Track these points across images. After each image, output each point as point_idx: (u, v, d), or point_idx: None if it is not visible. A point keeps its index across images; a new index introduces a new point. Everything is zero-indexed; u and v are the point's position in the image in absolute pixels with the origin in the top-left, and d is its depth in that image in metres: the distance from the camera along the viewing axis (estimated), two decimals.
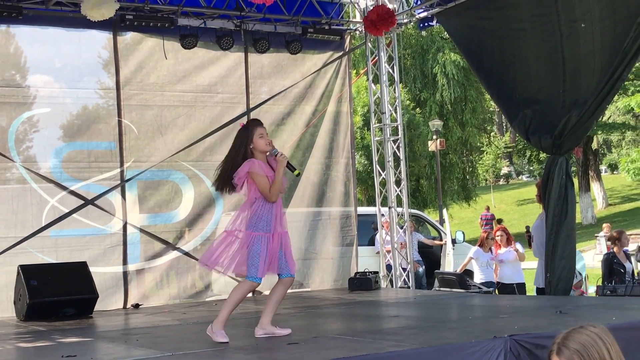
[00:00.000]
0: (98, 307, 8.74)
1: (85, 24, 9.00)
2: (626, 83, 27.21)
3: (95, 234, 9.60)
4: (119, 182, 9.73)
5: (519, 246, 10.76)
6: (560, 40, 8.50)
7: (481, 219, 31.50)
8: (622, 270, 9.81)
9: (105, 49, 9.86)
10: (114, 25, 9.61)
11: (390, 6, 10.75)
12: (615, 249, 10.16)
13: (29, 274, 8.36)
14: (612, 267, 9.93)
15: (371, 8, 10.70)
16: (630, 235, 22.41)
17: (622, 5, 7.91)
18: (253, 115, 10.64)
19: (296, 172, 5.96)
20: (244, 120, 6.57)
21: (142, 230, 9.87)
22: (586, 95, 8.24)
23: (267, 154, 5.84)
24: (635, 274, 10.29)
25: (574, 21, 8.33)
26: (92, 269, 8.83)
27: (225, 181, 5.86)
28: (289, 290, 10.53)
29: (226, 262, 5.93)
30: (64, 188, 9.41)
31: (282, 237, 5.85)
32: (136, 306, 9.58)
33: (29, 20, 9.16)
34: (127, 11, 9.48)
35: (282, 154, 5.83)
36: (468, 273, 11.91)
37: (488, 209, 33.30)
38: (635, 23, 7.70)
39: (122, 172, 9.78)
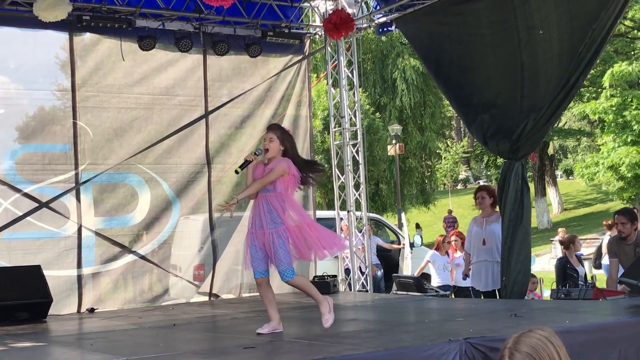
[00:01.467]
0: (52, 311, 8.59)
1: (41, 24, 8.86)
2: (581, 90, 27.70)
3: (49, 237, 9.44)
4: (73, 184, 9.59)
5: None
6: (518, 46, 8.59)
7: (444, 221, 32.05)
8: (575, 275, 9.96)
9: (62, 49, 9.72)
10: (71, 25, 9.47)
11: (349, 11, 10.77)
12: (567, 253, 10.32)
13: None
14: (566, 271, 10.08)
15: (331, 12, 10.72)
16: (585, 239, 22.83)
17: (579, 13, 8.02)
18: (211, 118, 10.59)
19: (235, 169, 6.17)
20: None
21: (97, 234, 9.75)
22: (543, 101, 8.35)
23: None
24: (589, 278, 10.45)
25: (532, 28, 8.42)
26: (45, 273, 8.69)
27: None
28: (247, 294, 10.59)
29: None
30: (17, 190, 9.26)
31: (265, 234, 6.01)
32: (91, 310, 9.45)
33: None
34: (84, 12, 9.35)
35: (254, 154, 6.15)
36: (426, 277, 12.00)
37: (450, 212, 33.78)
38: (590, 30, 7.83)
39: (77, 174, 9.64)
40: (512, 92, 8.68)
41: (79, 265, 9.59)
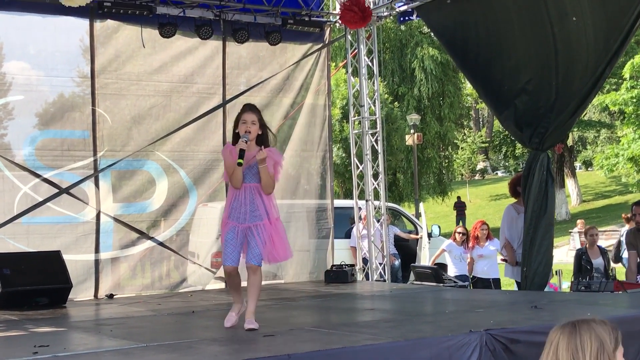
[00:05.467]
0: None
1: (62, 10, 8.87)
2: None
3: (68, 222, 9.48)
4: (92, 171, 9.62)
5: (497, 244, 10.65)
6: (552, 33, 8.38)
7: (455, 207, 33.09)
8: (589, 267, 9.93)
9: (82, 36, 9.73)
10: (91, 12, 9.47)
11: None
12: (587, 245, 10.30)
13: (2, 262, 8.23)
14: (581, 262, 10.07)
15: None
16: (604, 231, 22.68)
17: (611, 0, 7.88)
18: (229, 106, 10.57)
19: (238, 161, 5.71)
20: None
21: (115, 219, 9.78)
22: (577, 90, 8.23)
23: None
24: (609, 270, 10.40)
25: (565, 14, 8.25)
26: (63, 257, 8.74)
27: None
28: (265, 282, 10.58)
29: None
30: (37, 176, 9.30)
31: (252, 227, 5.81)
32: (110, 296, 9.50)
33: (5, 6, 9.01)
34: None
35: (243, 141, 5.71)
36: (442, 267, 11.94)
37: (459, 198, 34.60)
38: (622, 18, 7.67)
39: (95, 161, 9.67)
40: (546, 79, 8.52)
41: (97, 250, 9.64)
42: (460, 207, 34.15)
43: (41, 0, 9.12)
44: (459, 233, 11.31)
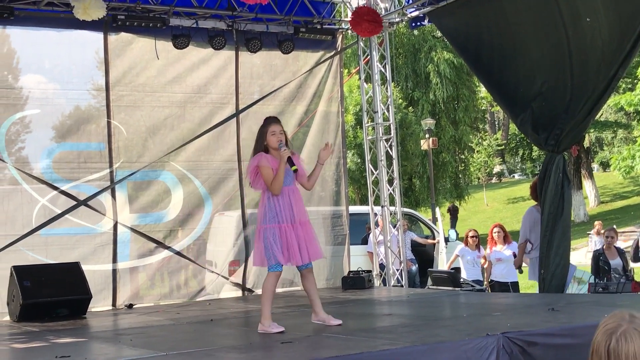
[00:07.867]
0: None
1: (77, 24, 8.98)
2: None
3: (86, 233, 9.59)
4: (108, 182, 9.71)
5: (515, 248, 10.61)
6: (565, 34, 8.36)
7: (448, 211, 33.33)
8: (607, 267, 9.90)
9: (97, 49, 9.83)
10: (106, 25, 9.57)
11: (382, 5, 10.75)
12: (604, 246, 10.28)
13: (22, 274, 8.33)
14: (598, 264, 10.04)
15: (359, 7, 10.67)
16: (623, 232, 22.53)
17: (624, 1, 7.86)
18: (242, 115, 10.64)
19: (294, 168, 6.11)
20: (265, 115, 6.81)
21: (132, 230, 9.85)
22: (591, 92, 8.21)
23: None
24: (628, 271, 10.36)
25: (578, 15, 8.22)
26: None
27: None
28: (281, 289, 10.63)
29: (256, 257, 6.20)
30: (55, 188, 9.40)
31: (298, 227, 6.05)
32: (130, 306, 9.57)
33: (21, 21, 9.13)
34: (119, 11, 9.45)
35: (285, 149, 6.07)
36: (457, 271, 11.93)
37: (453, 203, 34.76)
38: (638, 20, 7.65)
39: (111, 172, 9.76)
40: (560, 81, 8.49)
41: (114, 260, 9.72)
42: (453, 211, 34.20)
43: (56, 15, 9.23)
44: (472, 237, 11.27)
